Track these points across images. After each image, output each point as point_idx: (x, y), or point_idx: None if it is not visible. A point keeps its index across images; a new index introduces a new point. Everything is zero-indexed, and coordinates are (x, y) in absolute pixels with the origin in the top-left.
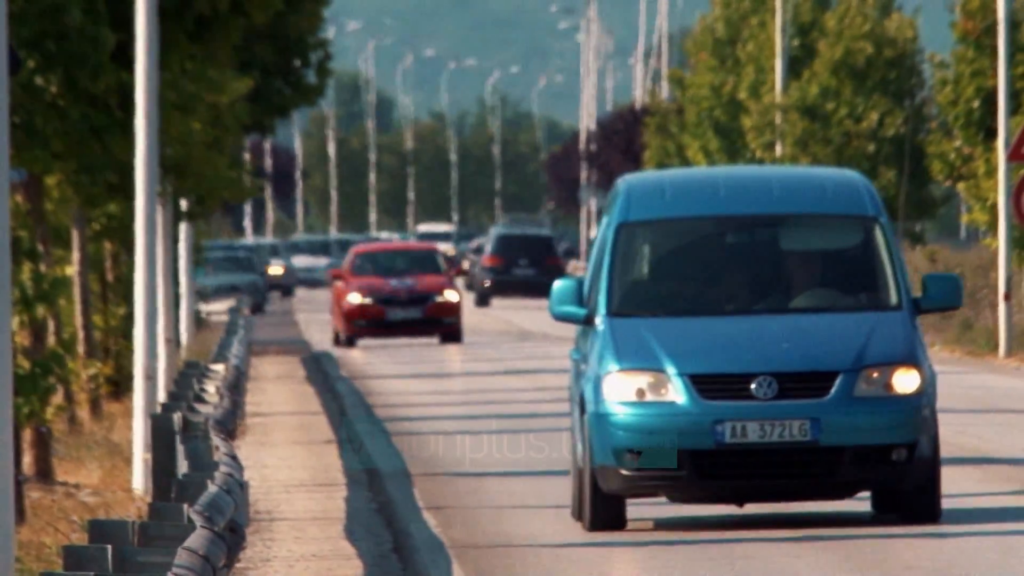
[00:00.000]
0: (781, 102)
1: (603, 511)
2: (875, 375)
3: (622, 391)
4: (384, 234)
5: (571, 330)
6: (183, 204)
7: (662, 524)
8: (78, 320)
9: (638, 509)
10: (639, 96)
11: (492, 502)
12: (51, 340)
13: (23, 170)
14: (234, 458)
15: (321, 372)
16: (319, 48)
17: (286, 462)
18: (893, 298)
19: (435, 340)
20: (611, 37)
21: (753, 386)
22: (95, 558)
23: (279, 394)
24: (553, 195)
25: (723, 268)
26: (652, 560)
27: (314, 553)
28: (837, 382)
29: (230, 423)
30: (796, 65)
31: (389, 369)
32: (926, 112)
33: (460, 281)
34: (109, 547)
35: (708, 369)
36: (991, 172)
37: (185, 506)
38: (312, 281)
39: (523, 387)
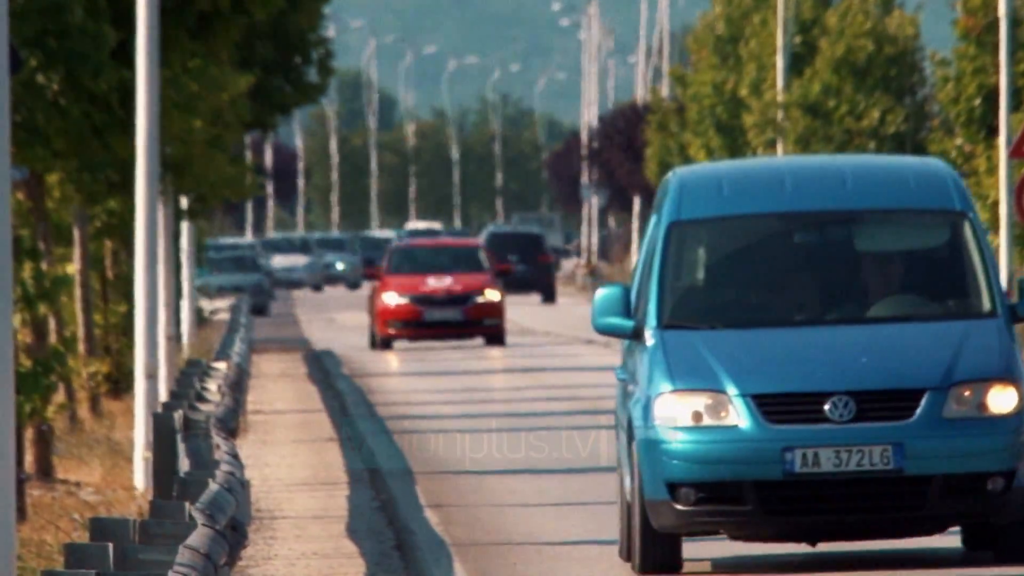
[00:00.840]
0: (782, 100)
1: (655, 551)
2: (967, 393)
3: (676, 415)
4: (378, 231)
5: (574, 327)
6: (184, 202)
7: (722, 566)
8: (79, 318)
9: (694, 548)
10: (640, 94)
11: (493, 500)
12: (52, 338)
13: (25, 168)
14: (235, 456)
15: (322, 370)
16: (320, 46)
17: (287, 460)
18: (986, 304)
19: (478, 342)
20: (612, 35)
21: (827, 407)
22: (96, 556)
23: (281, 392)
24: (556, 193)
25: (790, 272)
26: None
27: (316, 551)
28: (923, 402)
29: (231, 421)
30: (797, 63)
31: (390, 367)
32: (927, 110)
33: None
34: (110, 545)
35: (775, 388)
36: (992, 170)
37: (186, 504)
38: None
39: (525, 385)
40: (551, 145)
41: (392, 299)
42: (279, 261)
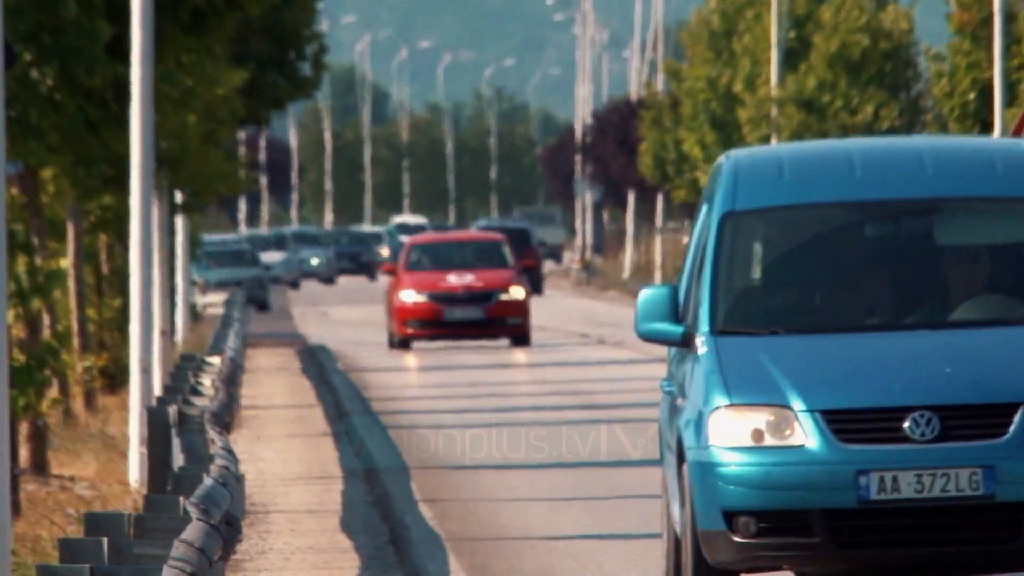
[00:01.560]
0: (777, 95)
1: None
2: None
3: (734, 433)
4: (369, 227)
5: (566, 321)
6: (178, 197)
7: None
8: (73, 313)
9: None
10: (635, 89)
11: (488, 495)
12: (46, 333)
13: (19, 163)
14: (230, 451)
15: (317, 365)
16: (314, 41)
17: (282, 455)
18: None
19: (502, 343)
20: (607, 29)
21: (907, 425)
22: (91, 550)
23: (275, 387)
24: (551, 188)
25: (862, 270)
26: (648, 551)
27: (311, 546)
28: (1017, 418)
29: (226, 416)
30: (792, 58)
31: (384, 363)
32: (922, 104)
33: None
34: (105, 539)
35: (847, 403)
36: None
37: (181, 499)
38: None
39: (520, 380)
40: (545, 140)
41: (410, 297)
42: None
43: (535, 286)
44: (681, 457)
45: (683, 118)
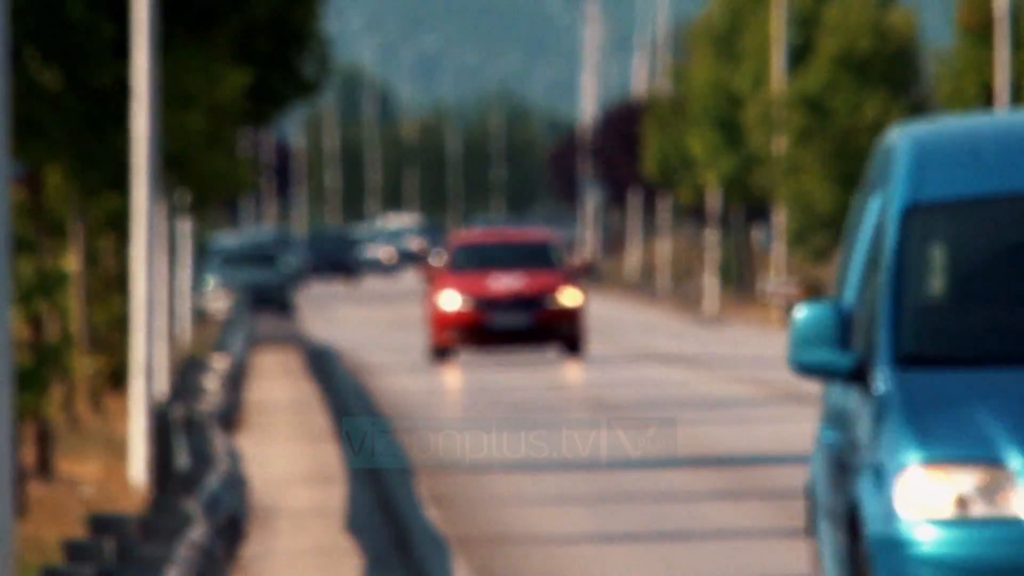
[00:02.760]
0: (781, 96)
1: None
2: None
3: (932, 499)
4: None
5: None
6: (185, 198)
7: None
8: (77, 314)
9: None
10: (639, 90)
11: (491, 496)
12: (51, 334)
13: (23, 163)
14: (234, 452)
15: (320, 366)
16: (319, 41)
17: (286, 456)
18: None
19: (553, 352)
20: (611, 30)
21: None
22: (96, 551)
23: (278, 388)
24: (556, 189)
25: None
26: (651, 553)
27: (315, 547)
28: None
29: (230, 417)
30: (796, 58)
31: (386, 363)
32: (926, 105)
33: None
34: (110, 541)
35: None
36: None
37: (185, 500)
38: None
39: (521, 380)
40: (550, 140)
41: (450, 302)
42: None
43: None
44: (853, 530)
45: (688, 119)
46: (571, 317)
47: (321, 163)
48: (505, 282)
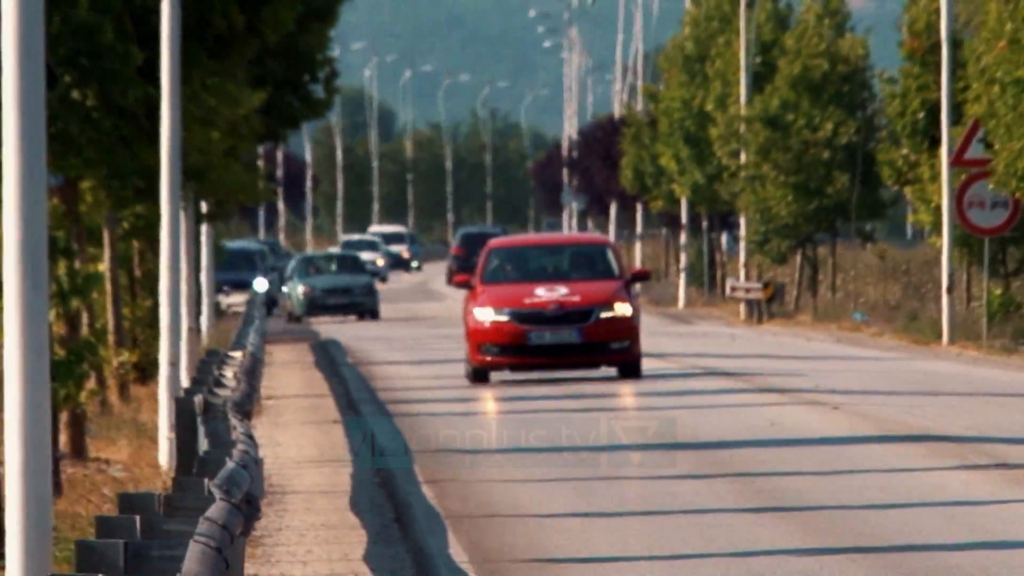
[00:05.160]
0: (745, 114)
1: None
2: None
3: None
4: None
5: None
6: (203, 207)
7: None
8: (109, 312)
9: None
10: (617, 108)
11: (484, 476)
12: (85, 330)
13: (59, 175)
14: (250, 437)
15: (329, 358)
16: (326, 65)
17: (297, 440)
18: None
19: (605, 372)
20: (591, 55)
21: None
22: (124, 527)
23: (291, 378)
24: (540, 199)
25: None
26: (631, 527)
27: (323, 523)
28: None
29: (247, 405)
30: (759, 80)
31: (391, 355)
32: (876, 122)
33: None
34: (137, 517)
35: None
36: (935, 177)
37: (206, 480)
38: None
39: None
40: (536, 155)
41: (487, 315)
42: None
43: None
44: None
45: (660, 135)
46: (627, 332)
47: (329, 176)
48: (549, 291)
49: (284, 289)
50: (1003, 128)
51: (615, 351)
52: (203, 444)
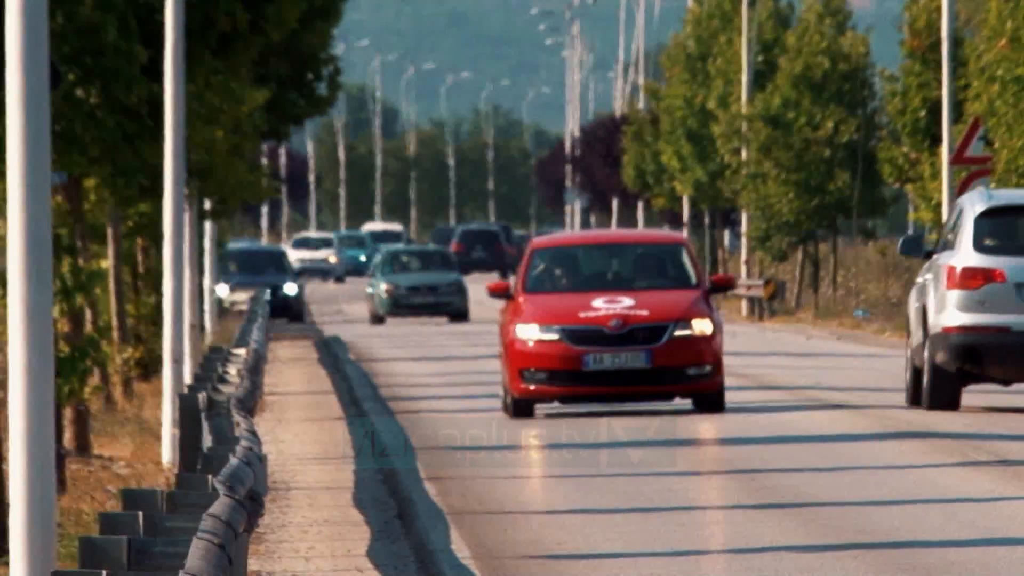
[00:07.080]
0: (747, 112)
1: None
2: None
3: None
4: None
5: None
6: (207, 204)
7: None
8: (112, 309)
9: None
10: (619, 106)
11: (486, 473)
12: (88, 327)
13: (64, 173)
14: (253, 433)
15: (331, 355)
16: (330, 63)
17: (300, 437)
18: None
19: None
20: (593, 53)
21: None
22: (128, 523)
23: (294, 375)
24: (542, 197)
25: None
26: (632, 524)
27: (326, 519)
28: None
29: (250, 402)
30: (760, 78)
31: (394, 352)
32: (877, 121)
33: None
34: (140, 513)
35: None
36: (936, 175)
37: (209, 477)
38: None
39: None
40: (538, 153)
41: (531, 333)
42: None
43: (503, 272)
44: None
45: (662, 133)
46: (707, 354)
47: (332, 173)
48: (610, 303)
49: (368, 289)
50: (1004, 126)
51: (692, 378)
52: (207, 441)
